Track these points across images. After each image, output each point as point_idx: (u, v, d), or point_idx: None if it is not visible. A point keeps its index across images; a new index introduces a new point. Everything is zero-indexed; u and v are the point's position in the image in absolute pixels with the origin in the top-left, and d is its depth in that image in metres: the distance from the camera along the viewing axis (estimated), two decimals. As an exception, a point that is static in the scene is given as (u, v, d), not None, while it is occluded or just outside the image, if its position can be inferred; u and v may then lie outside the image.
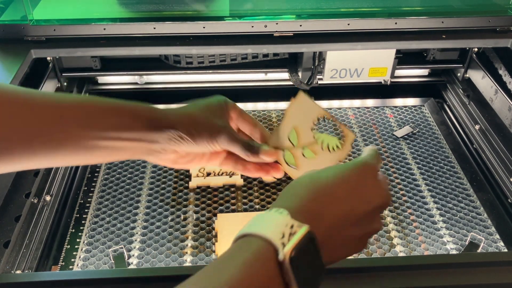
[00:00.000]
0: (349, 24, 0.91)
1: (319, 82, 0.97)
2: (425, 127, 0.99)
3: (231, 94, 1.04)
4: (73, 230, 0.75)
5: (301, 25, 0.90)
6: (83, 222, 0.76)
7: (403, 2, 1.04)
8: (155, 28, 0.88)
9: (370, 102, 1.06)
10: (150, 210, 0.78)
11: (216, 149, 0.47)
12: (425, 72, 1.09)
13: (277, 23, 0.90)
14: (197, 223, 0.76)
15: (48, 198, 0.76)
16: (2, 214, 0.69)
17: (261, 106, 1.04)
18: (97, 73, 1.00)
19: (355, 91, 1.07)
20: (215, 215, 0.77)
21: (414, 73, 1.09)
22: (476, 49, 0.99)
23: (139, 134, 0.43)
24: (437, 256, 0.64)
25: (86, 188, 0.83)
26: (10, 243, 0.65)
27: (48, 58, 0.92)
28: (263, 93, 1.06)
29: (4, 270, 0.62)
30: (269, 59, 1.00)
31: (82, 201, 0.80)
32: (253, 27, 0.90)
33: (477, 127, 0.94)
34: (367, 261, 0.55)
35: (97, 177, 0.85)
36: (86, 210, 0.78)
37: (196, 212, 0.78)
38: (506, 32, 0.92)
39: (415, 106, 1.06)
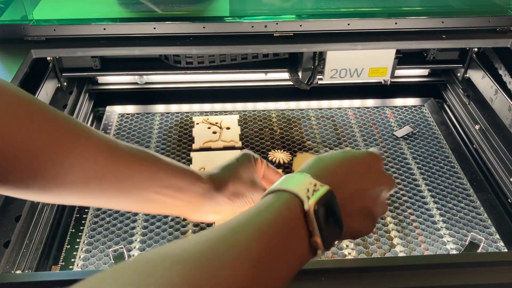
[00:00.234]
0: (349, 24, 0.91)
1: (319, 82, 0.97)
2: (425, 127, 0.99)
3: (231, 94, 1.05)
4: (73, 230, 0.75)
5: (301, 25, 0.90)
6: (83, 222, 0.76)
7: (403, 2, 1.04)
8: (155, 28, 0.88)
9: (370, 102, 1.06)
10: (150, 210, 0.78)
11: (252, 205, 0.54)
12: (425, 72, 1.09)
13: (277, 23, 0.90)
14: (197, 223, 0.76)
15: (48, 198, 0.76)
16: (2, 214, 0.69)
17: (261, 106, 1.04)
18: (97, 73, 1.00)
19: (355, 91, 1.07)
20: (215, 215, 0.77)
21: (414, 73, 1.09)
22: (476, 49, 0.99)
23: (203, 191, 0.49)
24: (437, 256, 0.64)
25: (86, 188, 0.83)
26: (10, 243, 0.65)
27: (48, 58, 0.92)
28: (263, 93, 1.06)
29: (4, 270, 0.62)
30: (269, 59, 1.00)
31: (82, 201, 0.80)
32: (253, 27, 0.90)
33: (477, 127, 0.94)
34: (367, 261, 0.55)
35: (97, 177, 0.85)
36: (86, 210, 0.78)
37: (196, 212, 0.78)
38: (506, 32, 0.92)
39: (415, 106, 1.06)
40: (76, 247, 0.72)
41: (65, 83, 0.98)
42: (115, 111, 1.02)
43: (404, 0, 1.05)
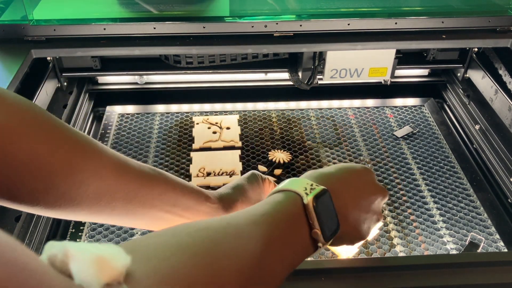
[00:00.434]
0: (349, 24, 0.91)
1: (319, 82, 0.97)
2: (425, 127, 0.99)
3: (231, 94, 1.05)
4: (73, 230, 0.75)
5: (301, 25, 0.90)
6: (83, 222, 0.76)
7: (403, 2, 1.04)
8: (155, 28, 0.88)
9: (370, 102, 1.06)
10: (150, 210, 0.78)
11: None
12: (425, 72, 1.09)
13: (277, 23, 0.90)
14: (197, 223, 0.76)
15: (48, 198, 0.76)
16: (2, 214, 0.69)
17: (261, 106, 1.04)
18: (97, 73, 1.00)
19: (355, 91, 1.07)
20: (215, 215, 0.77)
21: (414, 73, 1.09)
22: (476, 49, 0.99)
23: (212, 211, 0.52)
24: (437, 256, 0.64)
25: (86, 188, 0.83)
26: (10, 243, 0.65)
27: (48, 58, 0.92)
28: (263, 93, 1.06)
29: (4, 270, 0.62)
30: (269, 59, 1.00)
31: (82, 201, 0.80)
32: (253, 27, 0.90)
33: (477, 127, 0.94)
34: (367, 261, 0.55)
35: (97, 177, 0.85)
36: (86, 210, 0.78)
37: (196, 212, 0.78)
38: (506, 32, 0.92)
39: (415, 106, 1.06)
40: (76, 247, 0.72)
41: (65, 83, 0.98)
42: (115, 111, 1.02)
43: (404, 0, 1.05)
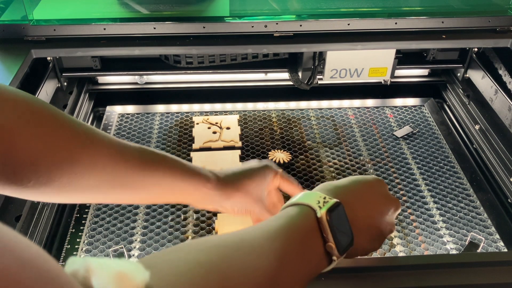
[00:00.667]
0: (349, 24, 0.91)
1: (319, 82, 0.97)
2: (425, 127, 0.99)
3: (231, 94, 1.05)
4: (73, 230, 0.75)
5: (301, 25, 0.90)
6: (83, 222, 0.76)
7: (403, 2, 1.04)
8: (155, 28, 0.88)
9: (370, 102, 1.06)
10: (150, 210, 0.78)
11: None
12: (425, 72, 1.09)
13: (277, 23, 0.90)
14: (197, 223, 0.76)
15: (48, 198, 0.76)
16: (2, 214, 0.69)
17: (261, 106, 1.04)
18: (97, 73, 1.00)
19: (355, 91, 1.07)
20: (215, 214, 0.77)
21: (414, 73, 1.09)
22: (476, 49, 0.99)
23: (208, 196, 0.54)
24: (437, 256, 0.64)
25: (86, 188, 0.83)
26: (10, 243, 0.65)
27: (48, 58, 0.92)
28: (263, 93, 1.06)
29: (4, 270, 0.62)
30: (269, 59, 1.00)
31: (82, 201, 0.80)
32: (253, 27, 0.90)
33: (477, 127, 0.94)
34: (367, 261, 0.55)
35: (97, 177, 0.85)
36: (86, 210, 0.78)
37: (196, 212, 0.78)
38: (506, 32, 0.92)
39: (415, 106, 1.06)
40: (76, 247, 0.72)
41: (65, 83, 0.98)
42: (115, 111, 1.02)
43: (404, 0, 1.05)
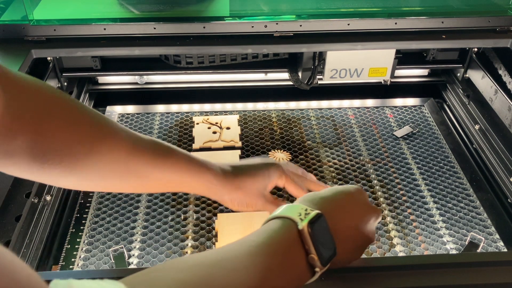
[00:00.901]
0: (349, 24, 0.91)
1: (319, 82, 0.97)
2: (425, 127, 0.99)
3: (231, 94, 1.05)
4: (74, 230, 0.75)
5: (301, 25, 0.90)
6: (83, 221, 0.76)
7: (403, 2, 1.04)
8: (155, 28, 0.88)
9: (370, 102, 1.06)
10: (150, 210, 0.78)
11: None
12: (425, 72, 1.09)
13: (277, 23, 0.90)
14: (197, 223, 0.76)
15: (48, 197, 0.76)
16: (2, 213, 0.69)
17: (261, 106, 1.04)
18: (97, 73, 1.00)
19: (355, 91, 1.07)
20: (215, 214, 0.77)
21: (414, 73, 1.09)
22: (476, 49, 0.99)
23: (211, 191, 0.57)
24: (437, 256, 0.64)
25: (86, 188, 0.83)
26: (11, 243, 0.65)
27: (49, 58, 0.92)
28: (263, 93, 1.06)
29: (4, 270, 0.62)
30: (269, 59, 1.00)
31: (82, 201, 0.80)
32: (253, 27, 0.90)
33: (477, 127, 0.94)
34: (367, 261, 0.55)
35: (97, 177, 0.85)
36: (86, 210, 0.78)
37: (196, 212, 0.78)
38: (506, 32, 0.92)
39: (415, 106, 1.06)
40: (77, 247, 0.72)
41: (65, 83, 0.98)
42: (115, 111, 1.02)
43: (404, 0, 1.05)
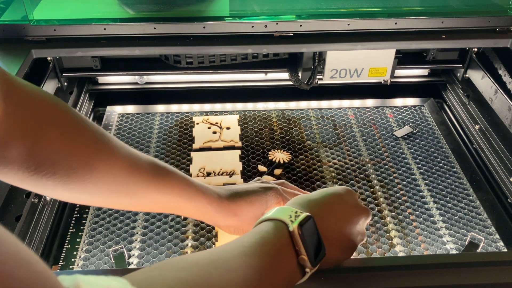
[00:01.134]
0: (349, 24, 0.91)
1: (319, 82, 0.97)
2: (425, 127, 0.99)
3: (231, 94, 1.05)
4: (74, 230, 0.75)
5: (301, 25, 0.90)
6: (83, 221, 0.76)
7: (403, 2, 1.04)
8: (155, 28, 0.88)
9: (370, 102, 1.06)
10: (150, 210, 0.78)
11: None
12: (425, 72, 1.09)
13: (277, 23, 0.90)
14: (197, 223, 0.76)
15: (48, 198, 0.76)
16: (2, 213, 0.69)
17: (261, 106, 1.04)
18: (97, 73, 1.00)
19: (355, 91, 1.07)
20: (215, 215, 0.77)
21: (414, 73, 1.09)
22: (476, 49, 0.99)
23: (206, 216, 0.57)
24: (437, 256, 0.64)
25: (86, 188, 0.83)
26: (11, 243, 0.65)
27: (49, 58, 0.92)
28: (263, 93, 1.06)
29: (4, 270, 0.62)
30: (269, 59, 1.00)
31: (82, 201, 0.80)
32: (253, 27, 0.90)
33: (477, 127, 0.94)
34: (367, 261, 0.55)
35: (97, 177, 0.85)
36: (86, 210, 0.78)
37: (196, 212, 0.78)
38: (506, 32, 0.92)
39: (415, 106, 1.06)
40: (77, 247, 0.72)
41: (65, 83, 0.98)
42: (115, 111, 1.02)
43: (404, 0, 1.05)
